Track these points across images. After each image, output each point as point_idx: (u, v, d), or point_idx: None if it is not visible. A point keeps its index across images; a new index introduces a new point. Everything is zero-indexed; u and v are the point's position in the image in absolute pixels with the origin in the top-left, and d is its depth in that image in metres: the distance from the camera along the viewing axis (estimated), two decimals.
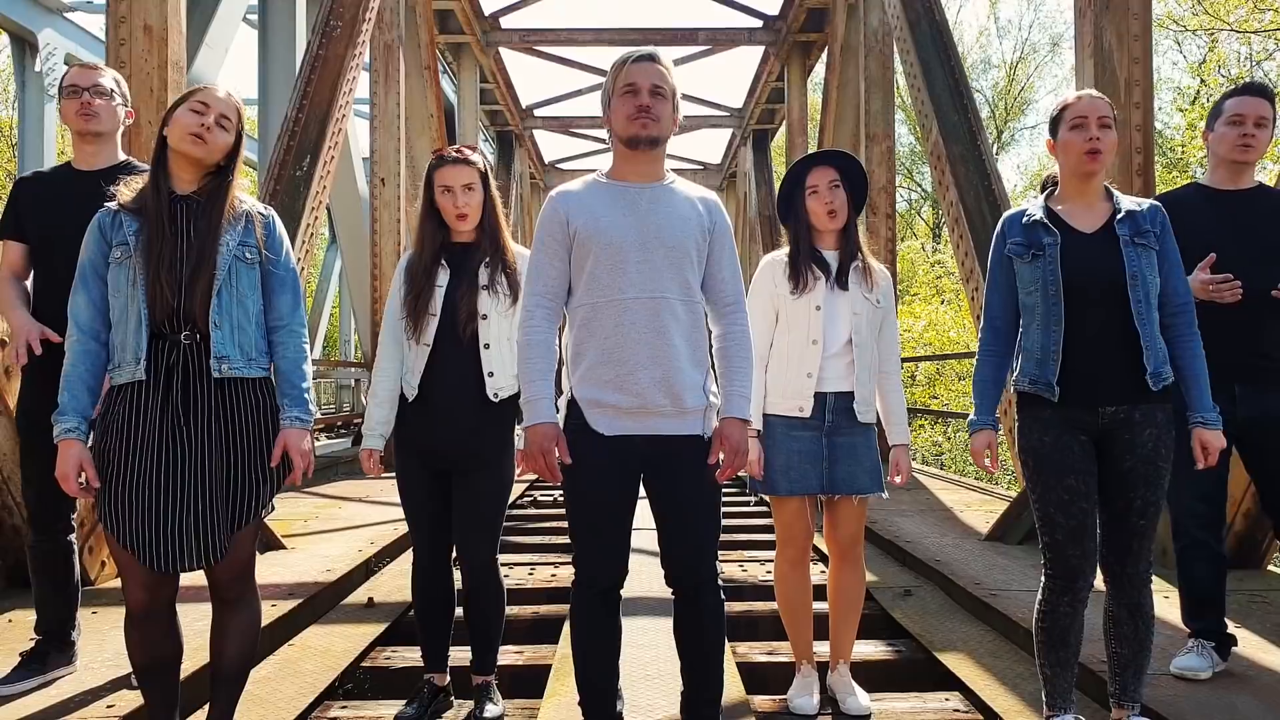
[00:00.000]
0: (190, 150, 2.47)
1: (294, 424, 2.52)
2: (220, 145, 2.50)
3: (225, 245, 2.46)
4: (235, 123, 2.53)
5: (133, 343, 2.39)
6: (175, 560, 2.37)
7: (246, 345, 2.48)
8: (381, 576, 4.96)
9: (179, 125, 2.47)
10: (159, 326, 2.40)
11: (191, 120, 2.46)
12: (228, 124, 2.51)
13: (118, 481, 2.37)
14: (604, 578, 2.54)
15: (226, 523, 2.43)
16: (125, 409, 2.40)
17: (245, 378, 2.48)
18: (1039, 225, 2.66)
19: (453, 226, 3.04)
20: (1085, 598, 2.65)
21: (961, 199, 7.51)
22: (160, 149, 2.52)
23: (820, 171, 3.08)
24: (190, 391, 2.41)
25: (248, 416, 2.48)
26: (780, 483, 3.03)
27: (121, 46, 5.07)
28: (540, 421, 2.43)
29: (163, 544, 2.35)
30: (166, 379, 2.40)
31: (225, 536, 2.43)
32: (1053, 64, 33.73)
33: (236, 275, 2.47)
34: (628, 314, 2.43)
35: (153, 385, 2.39)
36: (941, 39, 8.33)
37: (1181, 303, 2.67)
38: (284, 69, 11.68)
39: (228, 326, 2.45)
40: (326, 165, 7.68)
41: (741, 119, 18.44)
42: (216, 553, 2.42)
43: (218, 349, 2.42)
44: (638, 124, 2.45)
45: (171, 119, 2.50)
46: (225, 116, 2.50)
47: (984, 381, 2.76)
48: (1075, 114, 2.66)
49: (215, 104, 2.50)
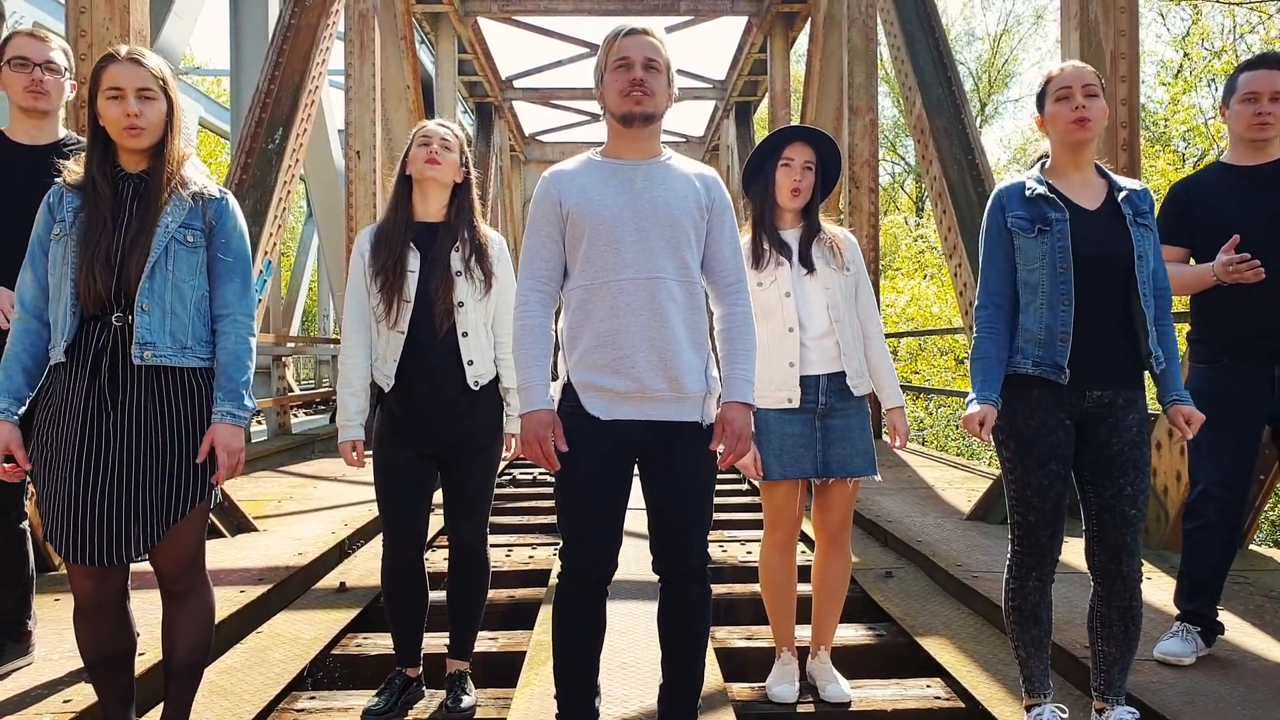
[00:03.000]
0: (134, 144, 2.35)
1: (224, 419, 2.37)
2: (155, 121, 2.36)
3: (163, 226, 2.33)
4: (159, 88, 2.37)
5: (63, 323, 2.30)
6: (92, 552, 2.26)
7: (180, 332, 2.35)
8: (355, 559, 4.88)
9: (109, 121, 2.34)
10: (91, 309, 2.29)
11: (117, 114, 2.32)
12: (151, 94, 2.35)
13: (45, 467, 2.28)
14: (592, 571, 2.46)
15: (157, 515, 2.32)
16: (57, 391, 2.31)
17: (176, 366, 2.35)
18: (1043, 199, 2.55)
19: (420, 176, 2.92)
20: (1052, 573, 2.62)
21: (945, 173, 7.43)
22: (96, 130, 2.37)
23: (799, 148, 2.99)
24: (118, 376, 2.30)
25: (181, 406, 2.35)
26: (774, 467, 2.95)
27: (82, 15, 4.89)
28: (536, 408, 2.35)
29: (81, 534, 2.25)
30: (95, 362, 2.29)
31: (152, 529, 2.31)
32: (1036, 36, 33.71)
33: (174, 258, 2.34)
34: (624, 295, 2.34)
35: (79, 368, 2.29)
36: (925, 10, 8.23)
37: (1162, 286, 2.60)
38: (256, 38, 11.45)
39: (158, 311, 2.32)
40: (299, 138, 7.53)
41: (724, 91, 18.27)
42: (140, 546, 2.31)
43: (141, 335, 2.29)
44: (631, 100, 2.35)
45: (100, 112, 2.35)
46: (144, 89, 2.34)
47: (987, 359, 2.58)
48: (1060, 85, 2.57)
49: (128, 80, 2.33)
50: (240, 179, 7.03)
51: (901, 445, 3.03)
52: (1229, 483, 3.11)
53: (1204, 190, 3.23)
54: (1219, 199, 3.16)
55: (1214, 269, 3.03)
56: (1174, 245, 3.19)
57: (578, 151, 11.56)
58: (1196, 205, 3.21)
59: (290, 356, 12.27)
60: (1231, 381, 3.11)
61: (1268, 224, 3.06)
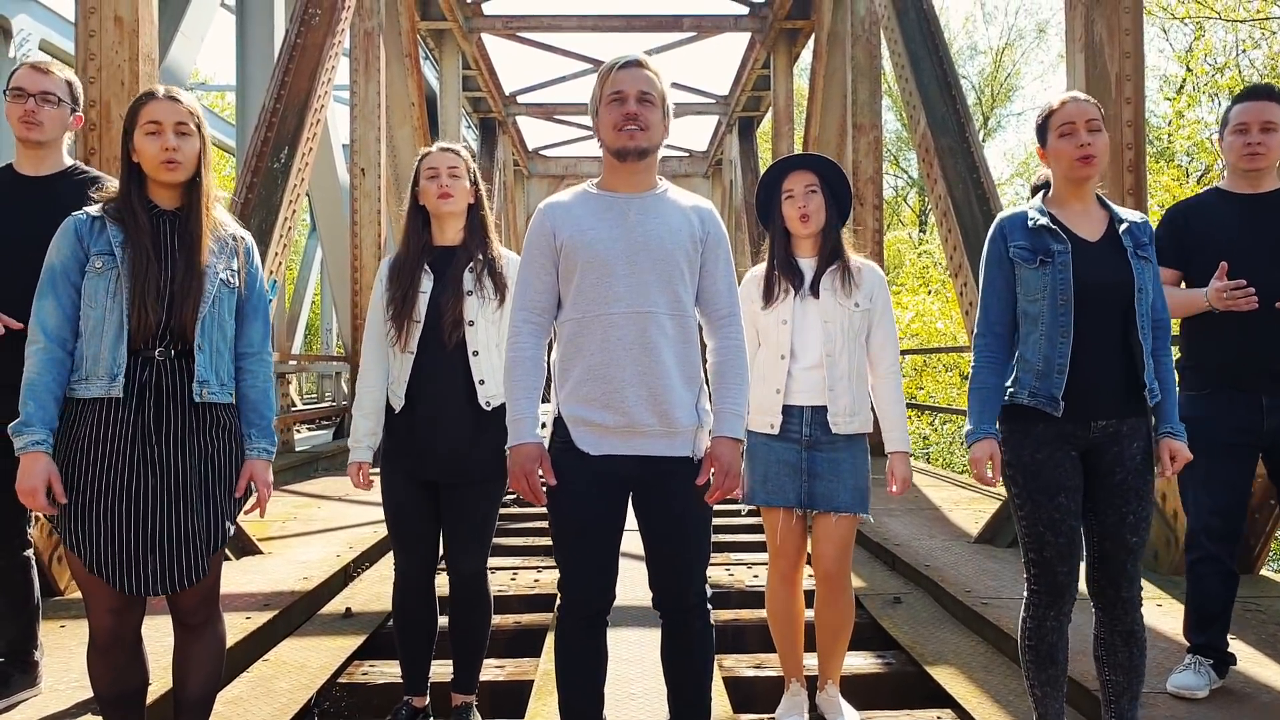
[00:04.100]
0: (170, 177, 2.38)
1: (260, 455, 2.48)
2: (190, 156, 2.40)
3: (213, 268, 2.39)
4: (194, 125, 2.41)
5: (108, 357, 2.29)
6: (146, 583, 2.28)
7: (223, 371, 2.43)
8: (360, 583, 4.86)
9: (146, 156, 2.37)
10: (137, 343, 2.31)
11: (155, 148, 2.35)
12: (187, 129, 2.39)
13: (84, 501, 2.27)
14: (590, 603, 2.45)
15: (203, 546, 2.35)
16: (94, 425, 2.29)
17: (219, 403, 2.42)
18: (1045, 230, 2.54)
19: (435, 210, 2.94)
20: (1070, 611, 2.59)
21: (950, 192, 7.42)
22: (129, 166, 2.40)
23: (797, 176, 2.98)
24: (163, 411, 2.32)
25: (221, 440, 2.41)
26: (758, 492, 2.96)
27: (91, 38, 4.93)
28: (523, 441, 2.34)
29: (133, 566, 2.27)
30: (139, 396, 2.31)
31: (201, 560, 2.35)
32: (1039, 50, 33.72)
33: (220, 301, 2.41)
34: (614, 329, 2.33)
35: (124, 402, 2.30)
36: (929, 29, 8.23)
37: (1161, 318, 2.60)
38: (262, 54, 11.48)
39: (209, 350, 2.38)
40: (305, 157, 7.54)
41: (727, 106, 18.31)
42: (192, 576, 2.33)
43: (201, 373, 2.36)
44: (625, 135, 2.34)
45: (135, 147, 2.38)
46: (180, 123, 2.38)
47: (984, 389, 2.59)
48: (1062, 120, 2.56)
49: (166, 115, 2.37)
50: (246, 198, 7.04)
51: (899, 492, 2.96)
52: (1223, 511, 3.10)
53: (1200, 215, 3.24)
54: (1215, 225, 3.18)
55: (1207, 295, 3.04)
56: (1168, 268, 3.21)
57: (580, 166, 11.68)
58: (1192, 230, 3.23)
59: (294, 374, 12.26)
60: (1222, 410, 3.11)
61: (1262, 253, 3.07)
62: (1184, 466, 2.57)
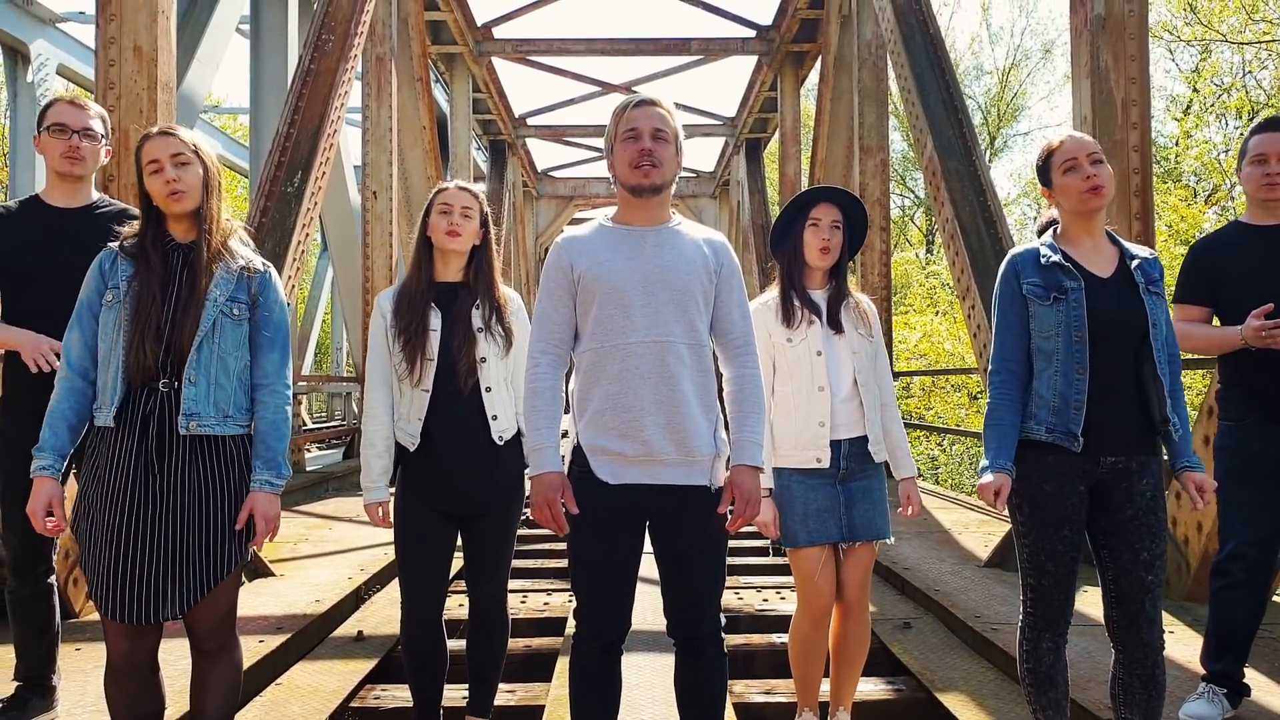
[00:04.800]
0: (178, 207, 2.45)
1: (263, 487, 2.47)
2: (193, 183, 2.46)
3: (212, 299, 2.42)
4: (191, 154, 2.47)
5: (110, 387, 2.37)
6: (135, 612, 2.32)
7: (223, 402, 2.44)
8: (371, 605, 4.89)
9: (155, 193, 2.45)
10: (135, 379, 2.36)
11: (159, 184, 2.43)
12: (185, 158, 2.45)
13: (92, 527, 2.34)
14: (606, 632, 2.48)
15: (197, 577, 2.38)
16: (103, 452, 2.38)
17: (219, 435, 2.43)
18: (1058, 267, 2.58)
19: (440, 246, 2.96)
20: (1066, 634, 2.63)
21: (957, 215, 7.46)
22: (148, 207, 2.47)
23: (826, 208, 3.02)
24: (165, 441, 2.37)
25: (223, 472, 2.43)
26: (799, 533, 2.94)
27: (111, 67, 5.02)
28: (546, 471, 2.38)
29: (125, 593, 2.31)
30: (142, 426, 2.36)
31: (194, 591, 2.38)
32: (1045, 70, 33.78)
33: (220, 331, 2.43)
34: (632, 358, 2.38)
35: (127, 431, 2.36)
36: (936, 53, 8.29)
37: (1174, 353, 2.62)
38: (276, 78, 11.58)
39: (204, 383, 2.40)
40: (318, 181, 7.62)
41: (734, 127, 18.40)
42: (182, 606, 2.37)
43: (188, 405, 2.38)
44: (639, 173, 2.41)
45: (147, 188, 2.46)
46: (176, 154, 2.44)
47: (1001, 425, 2.59)
48: (1065, 157, 2.61)
49: (163, 151, 2.44)
50: (260, 222, 7.11)
51: (914, 515, 3.05)
52: (1258, 541, 3.08)
53: (1224, 250, 3.24)
54: (1239, 259, 3.18)
55: (1243, 333, 3.02)
56: (1196, 305, 3.22)
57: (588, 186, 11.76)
58: (1217, 265, 3.22)
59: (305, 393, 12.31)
60: (1259, 440, 3.10)
61: None
62: (1223, 494, 2.57)
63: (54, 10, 13.31)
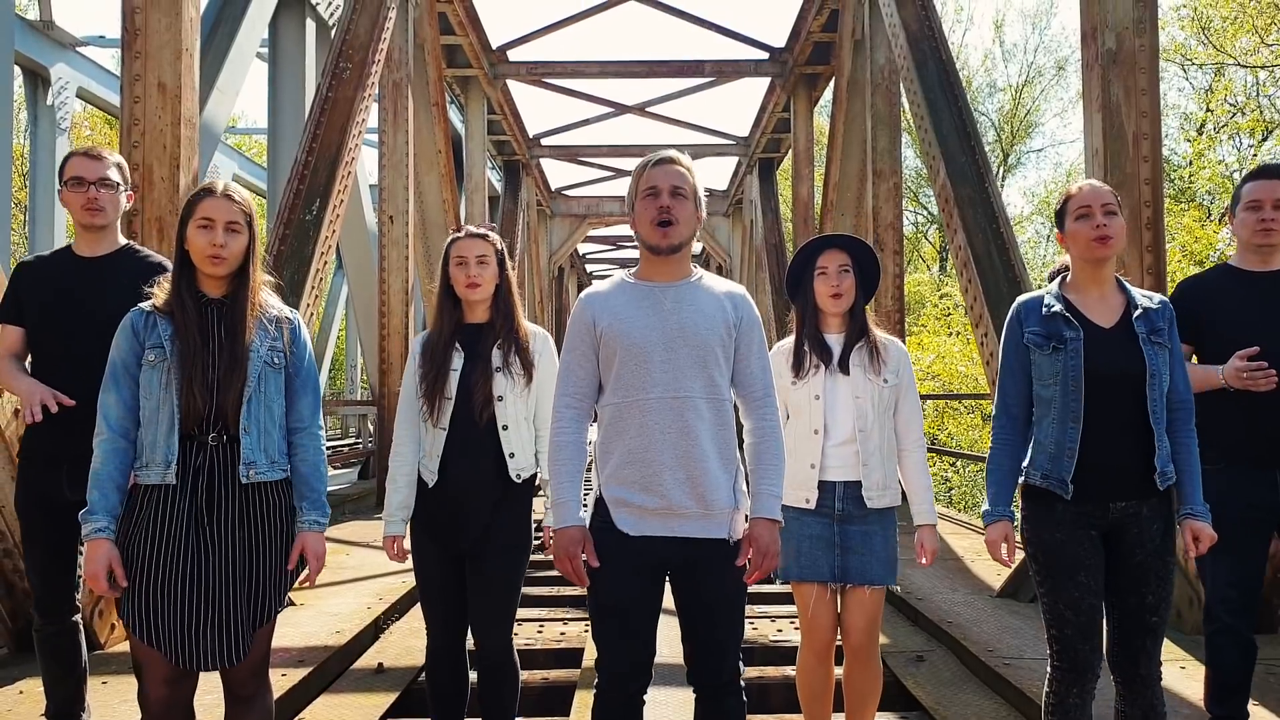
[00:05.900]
0: (213, 271, 2.52)
1: (312, 527, 2.58)
2: (236, 252, 2.53)
3: (256, 352, 2.51)
4: (245, 223, 2.55)
5: (163, 445, 2.44)
6: (199, 658, 2.40)
7: (271, 449, 2.53)
8: (391, 635, 4.94)
9: (195, 248, 2.51)
10: (189, 429, 2.44)
11: (204, 242, 2.49)
12: (237, 227, 2.53)
13: (143, 580, 2.40)
14: (628, 682, 2.53)
15: (249, 622, 2.47)
16: (152, 509, 2.43)
17: (268, 481, 2.52)
18: (1059, 317, 2.65)
19: (464, 298, 3.06)
20: (1093, 688, 2.65)
21: (970, 242, 7.49)
22: (182, 255, 2.54)
23: (831, 255, 3.08)
24: (215, 493, 2.45)
25: (269, 518, 2.52)
26: (791, 567, 3.02)
27: (136, 104, 5.12)
28: (567, 525, 2.45)
29: (189, 641, 2.39)
30: (193, 481, 2.45)
31: (248, 636, 2.47)
32: (1058, 87, 33.75)
33: (265, 381, 2.53)
34: (652, 414, 2.44)
35: (179, 486, 2.44)
36: (948, 79, 8.34)
37: (1183, 399, 2.68)
38: (293, 101, 11.75)
39: (256, 432, 2.50)
40: (336, 209, 7.70)
41: (747, 148, 18.49)
42: (239, 653, 2.45)
43: (247, 455, 2.48)
44: (659, 234, 2.48)
45: (187, 236, 2.52)
46: (232, 222, 2.52)
47: (999, 470, 2.72)
48: (1079, 204, 2.69)
49: (219, 213, 2.51)
50: (278, 250, 7.19)
51: (928, 563, 3.07)
52: (1239, 584, 3.11)
53: (1211, 291, 3.28)
54: (1226, 301, 3.21)
55: (1224, 374, 3.06)
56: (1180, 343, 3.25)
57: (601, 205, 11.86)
58: (1203, 306, 3.26)
59: None
60: (1236, 485, 3.11)
61: (1273, 331, 3.09)
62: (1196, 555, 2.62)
63: (74, 35, 13.53)
